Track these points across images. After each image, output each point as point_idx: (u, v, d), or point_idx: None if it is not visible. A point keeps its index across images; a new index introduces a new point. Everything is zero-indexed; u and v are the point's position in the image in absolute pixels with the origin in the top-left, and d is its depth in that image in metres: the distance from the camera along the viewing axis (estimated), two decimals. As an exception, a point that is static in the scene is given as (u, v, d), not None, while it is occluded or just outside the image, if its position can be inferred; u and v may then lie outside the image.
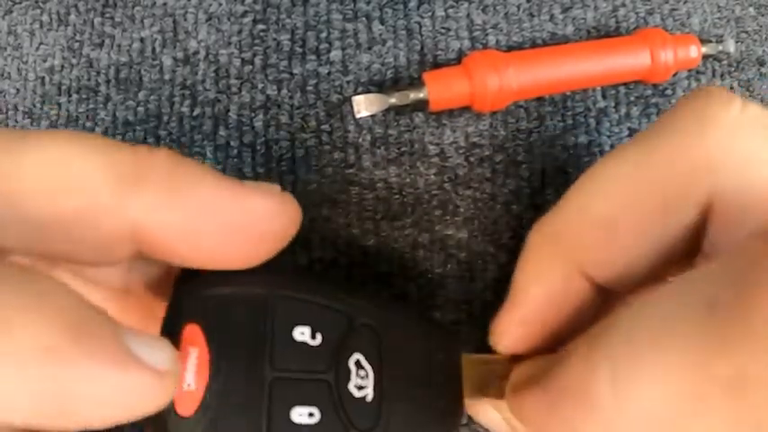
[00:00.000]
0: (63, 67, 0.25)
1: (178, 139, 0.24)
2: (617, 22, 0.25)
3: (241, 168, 0.23)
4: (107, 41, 0.25)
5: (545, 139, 0.24)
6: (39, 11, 0.26)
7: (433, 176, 0.23)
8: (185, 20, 0.25)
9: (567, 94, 0.24)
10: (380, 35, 0.24)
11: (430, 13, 0.24)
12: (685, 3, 0.26)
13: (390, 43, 0.24)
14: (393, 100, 0.23)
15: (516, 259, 0.23)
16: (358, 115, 0.23)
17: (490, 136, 0.24)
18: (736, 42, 0.26)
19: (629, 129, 0.24)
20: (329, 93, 0.24)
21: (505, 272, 0.23)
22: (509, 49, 0.24)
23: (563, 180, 0.24)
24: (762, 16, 0.27)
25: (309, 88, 0.24)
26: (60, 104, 0.25)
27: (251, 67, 0.24)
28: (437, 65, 0.24)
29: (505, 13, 0.25)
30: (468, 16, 0.24)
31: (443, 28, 0.24)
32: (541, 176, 0.24)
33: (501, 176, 0.23)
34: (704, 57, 0.25)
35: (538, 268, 0.19)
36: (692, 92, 0.17)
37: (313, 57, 0.24)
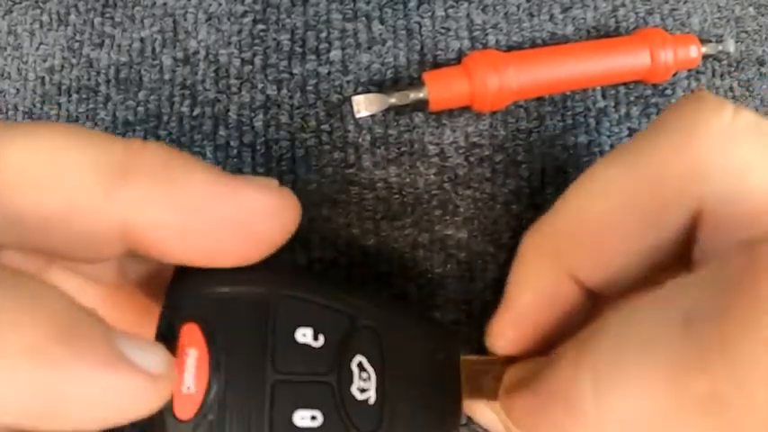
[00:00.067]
0: (63, 67, 0.25)
1: (178, 138, 0.24)
2: (617, 22, 0.25)
3: (241, 168, 0.23)
4: (107, 41, 0.25)
5: (545, 139, 0.24)
6: (39, 11, 0.26)
7: (432, 176, 0.23)
8: (185, 20, 0.25)
9: (567, 94, 0.24)
10: (380, 35, 0.24)
11: (430, 13, 0.24)
12: (685, 3, 0.26)
13: (390, 43, 0.24)
14: (393, 100, 0.23)
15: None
16: (358, 115, 0.23)
17: (490, 136, 0.24)
18: (736, 42, 0.26)
19: (629, 129, 0.24)
20: (329, 93, 0.24)
21: (505, 272, 0.23)
22: (509, 49, 0.24)
23: (563, 180, 0.24)
24: (762, 16, 0.27)
25: (309, 88, 0.24)
26: (60, 104, 0.25)
27: (251, 67, 0.24)
28: (437, 65, 0.24)
29: (505, 13, 0.25)
30: (468, 16, 0.24)
31: (443, 28, 0.24)
32: (541, 176, 0.24)
33: (501, 176, 0.23)
34: (704, 57, 0.25)
35: (530, 272, 0.19)
36: (684, 97, 0.17)
37: (313, 57, 0.24)
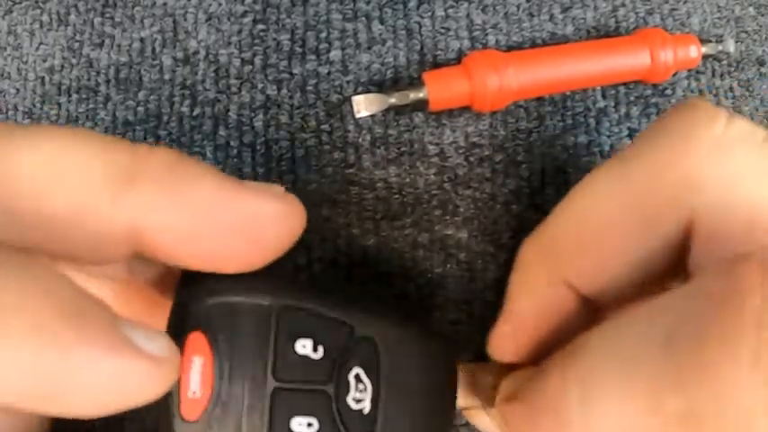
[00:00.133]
0: (63, 67, 0.25)
1: (178, 139, 0.24)
2: (617, 22, 0.25)
3: (241, 168, 0.23)
4: (107, 41, 0.25)
5: (545, 139, 0.24)
6: (39, 11, 0.26)
7: (432, 176, 0.23)
8: (185, 20, 0.25)
9: (567, 94, 0.24)
10: (380, 35, 0.24)
11: (430, 13, 0.24)
12: (685, 3, 0.26)
13: (390, 43, 0.24)
14: (393, 100, 0.23)
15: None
16: (358, 115, 0.23)
17: (490, 136, 0.24)
18: (736, 42, 0.26)
19: (628, 129, 0.24)
20: (329, 93, 0.24)
21: (505, 272, 0.23)
22: (509, 49, 0.24)
23: (563, 180, 0.24)
24: (762, 16, 0.27)
25: (309, 88, 0.24)
26: (60, 104, 0.25)
27: (251, 67, 0.24)
28: (437, 65, 0.24)
29: (505, 13, 0.25)
30: (468, 16, 0.24)
31: (443, 28, 0.24)
32: (541, 176, 0.24)
33: (501, 176, 0.23)
34: (704, 57, 0.25)
35: (527, 282, 0.19)
36: (678, 106, 0.17)
37: (313, 57, 0.24)
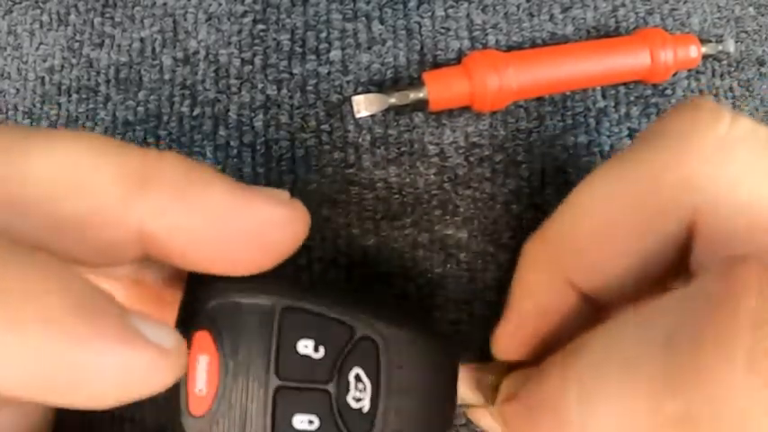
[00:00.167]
0: (63, 67, 0.25)
1: (178, 138, 0.24)
2: (617, 22, 0.25)
3: (241, 168, 0.23)
4: (107, 41, 0.25)
5: (545, 139, 0.24)
6: (39, 11, 0.26)
7: (432, 176, 0.23)
8: (185, 20, 0.25)
9: (567, 94, 0.24)
10: (380, 35, 0.24)
11: (430, 13, 0.24)
12: (685, 3, 0.26)
13: (390, 43, 0.24)
14: (393, 100, 0.23)
15: (516, 259, 0.23)
16: (358, 115, 0.23)
17: (490, 136, 0.24)
18: (736, 42, 0.26)
19: (628, 129, 0.24)
20: (329, 93, 0.24)
21: (505, 272, 0.23)
22: (509, 49, 0.24)
23: (563, 180, 0.24)
24: (762, 16, 0.27)
25: (309, 88, 0.24)
26: (60, 104, 0.25)
27: (251, 67, 0.24)
28: (437, 65, 0.24)
29: (505, 13, 0.25)
30: (468, 16, 0.24)
31: (443, 28, 0.24)
32: (541, 176, 0.24)
33: (501, 176, 0.23)
34: (704, 57, 0.25)
35: (530, 281, 0.19)
36: (681, 105, 0.17)
37: (313, 57, 0.24)
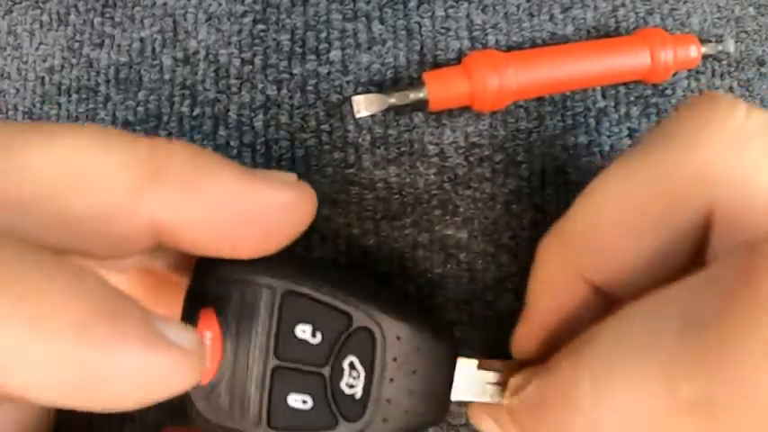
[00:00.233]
0: (63, 67, 0.25)
1: (178, 138, 0.24)
2: (617, 22, 0.25)
3: (241, 168, 0.23)
4: (107, 41, 0.25)
5: (545, 139, 0.24)
6: (39, 11, 0.26)
7: (432, 176, 0.23)
8: (185, 20, 0.25)
9: (567, 94, 0.24)
10: (380, 35, 0.24)
11: (430, 13, 0.24)
12: (685, 3, 0.26)
13: (390, 43, 0.24)
14: (393, 100, 0.23)
15: (516, 259, 0.23)
16: (358, 115, 0.23)
17: (490, 136, 0.24)
18: (736, 42, 0.26)
19: (628, 129, 0.24)
20: (329, 93, 0.24)
21: (505, 272, 0.23)
22: (509, 49, 0.24)
23: (563, 180, 0.24)
24: (762, 16, 0.27)
25: (309, 88, 0.24)
26: (60, 104, 0.25)
27: (251, 67, 0.24)
28: (437, 65, 0.24)
29: (505, 13, 0.25)
30: (468, 16, 0.24)
31: (443, 28, 0.24)
32: (541, 176, 0.24)
33: (501, 176, 0.23)
34: (704, 57, 0.25)
35: (546, 279, 0.19)
36: (697, 98, 0.17)
37: (313, 57, 0.24)
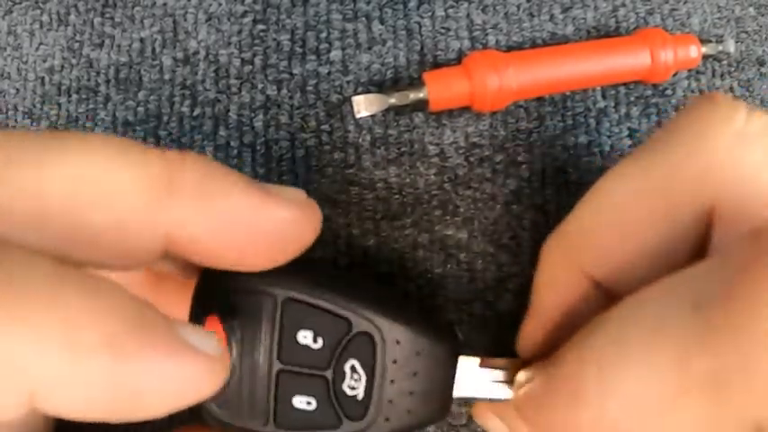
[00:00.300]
0: (63, 67, 0.25)
1: (178, 139, 0.24)
2: (617, 22, 0.25)
3: (241, 168, 0.23)
4: (107, 41, 0.25)
5: (545, 139, 0.24)
6: (39, 11, 0.26)
7: (432, 176, 0.23)
8: (185, 20, 0.25)
9: (567, 94, 0.24)
10: (380, 35, 0.24)
11: (430, 13, 0.24)
12: (685, 3, 0.26)
13: (390, 43, 0.24)
14: (393, 100, 0.23)
15: (516, 259, 0.23)
16: (358, 115, 0.23)
17: (490, 136, 0.24)
18: (736, 42, 0.26)
19: (629, 129, 0.24)
20: (329, 93, 0.24)
21: (505, 272, 0.23)
22: (509, 49, 0.24)
23: (563, 180, 0.24)
24: (762, 16, 0.27)
25: (309, 88, 0.24)
26: (60, 104, 0.25)
27: (251, 67, 0.24)
28: (437, 65, 0.24)
29: (505, 13, 0.25)
30: (468, 16, 0.24)
31: (443, 28, 0.24)
32: (541, 176, 0.24)
33: (501, 176, 0.23)
34: (704, 57, 0.25)
35: (551, 277, 0.19)
36: (698, 98, 0.17)
37: (313, 57, 0.24)
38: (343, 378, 0.17)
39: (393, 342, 0.18)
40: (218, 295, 0.17)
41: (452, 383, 0.18)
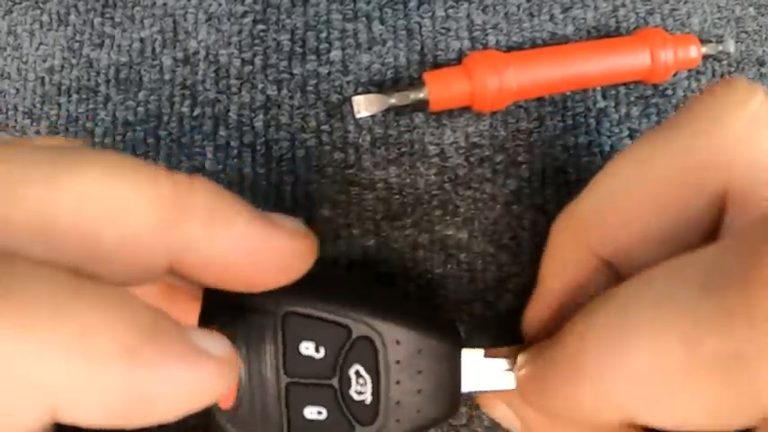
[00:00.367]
0: (63, 67, 0.25)
1: (178, 139, 0.24)
2: (617, 22, 0.25)
3: (241, 169, 0.23)
4: (107, 41, 0.25)
5: (545, 139, 0.24)
6: (39, 11, 0.26)
7: (433, 176, 0.23)
8: (185, 20, 0.25)
9: (567, 94, 0.24)
10: (380, 35, 0.24)
11: (430, 13, 0.24)
12: (685, 3, 0.26)
13: (390, 43, 0.24)
14: (393, 100, 0.23)
15: (516, 259, 0.23)
16: (358, 115, 0.23)
17: (490, 136, 0.24)
18: (736, 42, 0.26)
19: (629, 129, 0.24)
20: (329, 93, 0.24)
21: (505, 272, 0.23)
22: (509, 49, 0.24)
23: (563, 180, 0.24)
24: (762, 16, 0.27)
25: (309, 88, 0.24)
26: (60, 104, 0.25)
27: (251, 67, 0.24)
28: (437, 65, 0.24)
29: (505, 13, 0.25)
30: (468, 16, 0.24)
31: (443, 28, 0.24)
32: (541, 176, 0.24)
33: (501, 176, 0.23)
34: (704, 57, 0.25)
35: (559, 257, 0.19)
36: (713, 84, 0.17)
37: (313, 57, 0.24)
38: (350, 384, 0.18)
39: (393, 343, 0.18)
40: (222, 314, 0.17)
41: (459, 378, 0.19)
